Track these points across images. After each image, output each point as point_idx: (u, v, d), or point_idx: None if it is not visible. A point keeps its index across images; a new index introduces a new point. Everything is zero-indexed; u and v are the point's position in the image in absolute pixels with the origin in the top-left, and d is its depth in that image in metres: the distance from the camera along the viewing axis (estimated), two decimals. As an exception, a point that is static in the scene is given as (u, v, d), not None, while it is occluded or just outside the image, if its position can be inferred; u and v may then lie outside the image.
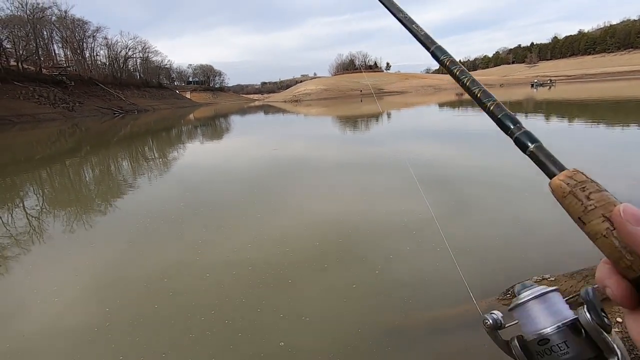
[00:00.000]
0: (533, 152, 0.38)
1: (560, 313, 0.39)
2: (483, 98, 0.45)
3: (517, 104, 23.91)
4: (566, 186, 0.33)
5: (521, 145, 0.40)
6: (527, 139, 0.39)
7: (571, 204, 0.32)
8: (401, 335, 2.21)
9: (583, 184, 0.32)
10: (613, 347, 0.35)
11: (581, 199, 0.31)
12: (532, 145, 0.39)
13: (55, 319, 2.57)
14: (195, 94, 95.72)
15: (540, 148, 0.38)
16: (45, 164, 10.55)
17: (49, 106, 37.77)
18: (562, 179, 0.34)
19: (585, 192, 0.32)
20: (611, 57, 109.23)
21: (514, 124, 0.41)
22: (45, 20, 50.01)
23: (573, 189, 0.32)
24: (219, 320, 2.40)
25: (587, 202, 0.31)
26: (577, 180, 0.33)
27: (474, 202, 4.52)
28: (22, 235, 4.35)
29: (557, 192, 0.34)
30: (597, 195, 0.31)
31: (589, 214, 0.30)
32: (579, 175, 0.33)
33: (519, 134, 0.40)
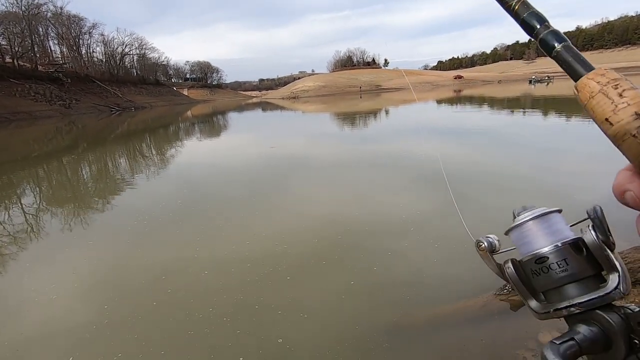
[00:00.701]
0: (559, 52, 0.34)
1: (561, 232, 0.37)
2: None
3: (515, 100, 23.95)
4: (596, 84, 0.30)
5: (546, 47, 0.35)
6: (554, 38, 0.35)
7: (599, 104, 0.29)
8: (399, 332, 2.23)
9: (616, 82, 0.29)
10: (615, 264, 0.34)
11: (612, 97, 0.28)
12: (559, 45, 0.34)
13: (53, 317, 2.57)
14: (193, 91, 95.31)
15: (568, 48, 0.34)
16: (42, 161, 10.49)
17: (45, 103, 37.54)
18: (592, 77, 0.30)
19: (618, 89, 0.29)
20: (609, 53, 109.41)
21: (540, 23, 0.36)
22: (41, 17, 49.61)
23: (604, 87, 0.29)
24: (218, 318, 2.40)
25: (618, 99, 0.28)
26: (610, 78, 0.30)
27: (471, 201, 4.53)
28: (19, 233, 4.33)
29: (584, 92, 0.30)
30: (631, 92, 0.28)
31: (620, 112, 0.28)
32: (611, 72, 0.30)
33: (545, 34, 0.35)
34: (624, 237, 3.11)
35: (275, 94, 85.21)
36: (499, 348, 2.01)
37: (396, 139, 10.32)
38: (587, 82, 0.30)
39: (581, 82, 0.31)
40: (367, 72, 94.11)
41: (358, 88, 66.86)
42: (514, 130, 10.59)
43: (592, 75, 0.31)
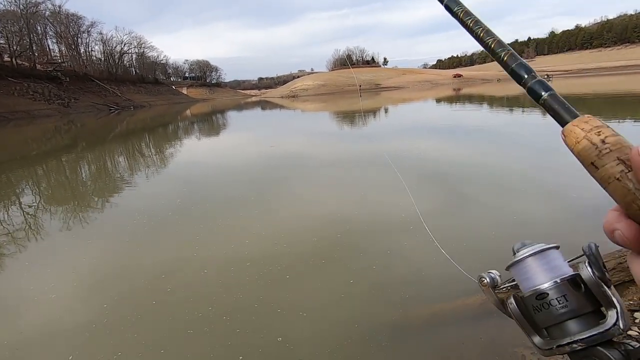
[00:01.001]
0: (546, 100, 0.37)
1: (559, 269, 0.38)
2: (497, 48, 0.43)
3: (514, 98, 23.95)
4: (580, 131, 0.32)
5: (534, 95, 0.38)
6: (541, 87, 0.38)
7: (584, 149, 0.31)
8: (398, 330, 2.23)
9: (598, 129, 0.31)
10: (612, 301, 0.34)
11: (596, 143, 0.30)
12: (545, 93, 0.37)
13: (53, 316, 2.57)
14: (192, 90, 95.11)
15: (554, 96, 0.37)
16: (41, 160, 10.47)
17: (43, 102, 37.44)
18: (576, 124, 0.33)
19: (600, 136, 0.31)
20: (608, 51, 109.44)
21: (528, 73, 0.40)
22: (39, 15, 49.43)
23: (588, 133, 0.31)
24: (217, 316, 2.41)
25: (602, 145, 0.30)
26: (592, 125, 0.32)
27: (470, 198, 4.54)
28: (18, 232, 4.33)
29: (570, 138, 0.32)
30: (612, 139, 0.30)
31: (603, 157, 0.30)
32: (593, 120, 0.32)
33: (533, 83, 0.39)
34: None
35: (274, 92, 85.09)
36: (497, 346, 2.02)
37: (395, 138, 10.32)
38: (573, 129, 0.33)
39: (567, 129, 0.33)
40: (367, 70, 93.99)
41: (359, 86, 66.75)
42: (514, 129, 10.59)
43: (577, 122, 0.33)
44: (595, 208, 3.86)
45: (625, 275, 2.46)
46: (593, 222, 3.50)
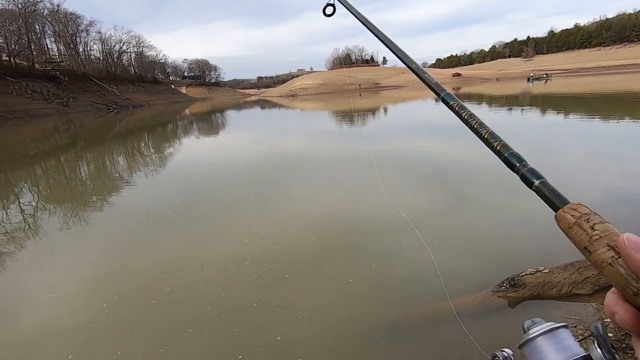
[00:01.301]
0: (538, 188, 0.41)
1: (570, 349, 0.39)
2: (490, 139, 0.48)
3: (513, 97, 23.96)
4: (571, 218, 0.35)
5: (527, 182, 0.42)
6: (532, 175, 0.42)
7: (577, 235, 0.33)
8: (398, 329, 2.24)
9: (587, 216, 0.34)
10: None
11: (586, 229, 0.33)
12: (537, 181, 0.41)
13: (52, 316, 2.57)
14: (191, 89, 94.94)
15: (545, 184, 0.41)
16: (39, 160, 10.45)
17: (42, 102, 37.34)
18: (567, 211, 0.36)
19: (589, 223, 0.33)
20: (607, 50, 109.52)
21: (519, 162, 0.44)
22: (37, 14, 49.23)
23: (578, 220, 0.34)
24: (217, 316, 2.41)
25: (592, 232, 0.32)
26: (581, 213, 0.34)
27: (468, 197, 4.54)
28: (17, 232, 4.32)
29: (563, 223, 0.35)
30: (601, 226, 0.32)
31: (595, 243, 0.32)
32: (582, 207, 0.35)
33: (525, 171, 0.43)
34: (620, 234, 3.13)
35: (273, 92, 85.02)
36: (497, 344, 2.02)
37: (393, 137, 10.32)
38: (564, 215, 0.36)
39: (559, 215, 0.36)
40: (366, 70, 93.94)
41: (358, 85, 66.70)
42: (515, 127, 10.61)
43: (567, 209, 0.36)
44: (594, 206, 3.88)
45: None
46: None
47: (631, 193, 4.24)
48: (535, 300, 2.37)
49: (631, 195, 4.17)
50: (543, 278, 2.43)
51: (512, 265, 2.67)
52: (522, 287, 2.40)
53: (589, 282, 2.40)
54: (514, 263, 2.74)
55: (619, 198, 4.11)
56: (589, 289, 2.38)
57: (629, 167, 5.40)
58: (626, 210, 3.74)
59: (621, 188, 4.45)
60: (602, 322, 0.34)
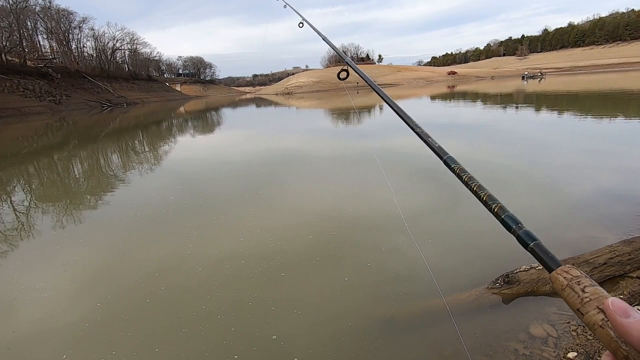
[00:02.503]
0: (533, 249, 0.45)
1: None
2: (488, 201, 0.52)
3: (507, 96, 24.10)
4: (563, 280, 0.37)
5: (522, 243, 0.46)
6: (527, 237, 0.46)
7: (569, 297, 0.36)
8: (393, 326, 2.24)
9: (578, 279, 0.36)
10: None
11: (577, 292, 0.35)
12: (531, 243, 0.45)
13: (46, 315, 2.54)
14: (186, 87, 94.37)
15: (539, 245, 0.44)
16: (32, 158, 10.33)
17: (34, 99, 36.88)
18: (560, 274, 0.38)
19: (580, 285, 0.35)
20: (600, 49, 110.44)
21: (515, 224, 0.48)
22: (29, 10, 48.56)
23: (569, 282, 0.36)
24: (212, 315, 2.40)
25: (582, 294, 0.34)
26: (573, 275, 0.37)
27: (464, 195, 4.56)
28: (9, 231, 4.27)
29: (556, 285, 0.38)
30: (590, 289, 0.35)
31: (586, 305, 0.33)
32: (573, 270, 0.38)
33: (521, 233, 0.46)
34: (613, 231, 3.17)
35: (269, 89, 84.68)
36: (491, 340, 2.04)
37: (390, 135, 10.33)
38: (557, 277, 0.38)
39: (553, 276, 0.39)
40: (362, 67, 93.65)
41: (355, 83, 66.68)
42: (508, 125, 10.67)
43: (560, 271, 0.39)
44: (587, 203, 3.91)
45: (615, 270, 2.50)
46: (585, 216, 3.55)
47: (624, 189, 4.28)
48: (530, 296, 2.39)
49: (623, 191, 4.22)
50: (537, 275, 2.45)
51: (506, 262, 2.69)
52: (517, 284, 2.42)
53: (582, 279, 2.43)
54: (508, 260, 2.75)
55: (612, 194, 4.15)
56: (582, 285, 2.41)
57: (621, 164, 5.46)
58: (619, 206, 3.78)
59: (614, 184, 4.49)
60: None
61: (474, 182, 0.55)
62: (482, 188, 0.54)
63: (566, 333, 2.06)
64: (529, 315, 2.22)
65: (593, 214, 3.64)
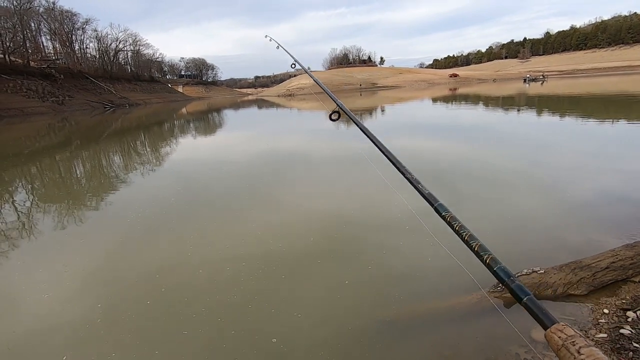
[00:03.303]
0: (527, 304, 0.44)
1: None
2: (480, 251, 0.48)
3: (509, 98, 24.07)
4: (558, 339, 0.37)
5: (516, 296, 0.45)
6: (521, 292, 0.45)
7: (565, 357, 0.35)
8: (394, 330, 2.23)
9: (572, 338, 0.36)
10: None
11: (573, 353, 0.35)
12: (525, 297, 0.45)
13: (46, 316, 2.54)
14: (188, 88, 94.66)
15: (532, 301, 0.44)
16: (34, 158, 10.37)
17: (37, 100, 37.03)
18: (554, 332, 0.39)
19: (575, 346, 0.35)
20: (602, 52, 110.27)
21: (507, 277, 0.46)
22: (33, 12, 48.84)
23: (565, 342, 0.37)
24: (212, 317, 2.39)
25: (578, 356, 0.34)
26: (567, 334, 0.37)
27: (463, 196, 4.55)
28: (10, 231, 4.28)
29: (552, 344, 0.38)
30: (586, 350, 0.34)
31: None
32: (567, 329, 0.38)
33: (514, 286, 0.46)
34: (616, 234, 3.15)
35: (270, 91, 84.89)
36: (492, 344, 2.02)
37: (390, 136, 10.33)
38: (552, 336, 0.39)
39: (548, 335, 0.39)
40: (363, 70, 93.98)
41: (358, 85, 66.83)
42: (510, 127, 10.66)
43: (554, 330, 0.39)
44: (589, 205, 3.90)
45: (617, 274, 2.48)
46: (587, 219, 3.53)
47: (627, 192, 4.26)
48: (531, 300, 2.37)
49: (626, 194, 4.20)
50: (538, 279, 2.44)
51: (508, 266, 2.67)
52: (518, 288, 2.40)
53: (584, 283, 2.41)
54: (509, 263, 2.73)
55: (615, 197, 4.13)
56: (584, 289, 2.39)
57: (624, 166, 5.44)
58: (622, 209, 3.76)
59: (616, 187, 4.47)
60: None
61: (465, 231, 0.48)
62: (473, 238, 0.47)
63: (568, 337, 2.04)
64: (531, 320, 2.20)
65: (595, 217, 3.62)
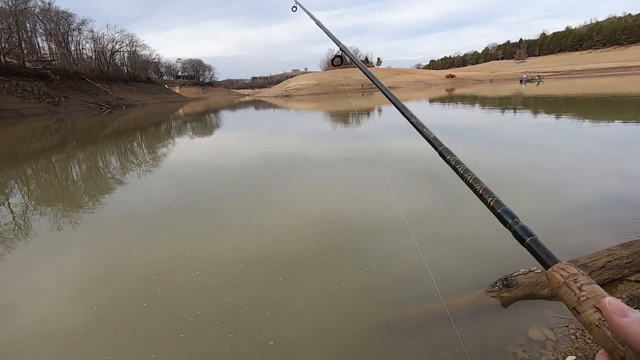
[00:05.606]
0: (529, 245, 0.43)
1: None
2: (484, 194, 0.50)
3: (506, 99, 24.18)
4: (560, 277, 0.36)
5: (519, 238, 0.44)
6: (524, 232, 0.43)
7: (565, 294, 0.34)
8: (390, 332, 2.23)
9: (575, 276, 0.35)
10: None
11: (574, 290, 0.34)
12: (528, 238, 0.43)
13: (42, 319, 2.52)
14: (185, 89, 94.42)
15: (535, 241, 0.42)
16: (30, 160, 10.30)
17: (33, 101, 36.81)
18: (556, 271, 0.37)
19: (577, 283, 0.34)
20: (597, 53, 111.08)
21: (511, 219, 0.45)
22: (28, 12, 48.54)
23: (566, 280, 0.35)
24: (209, 320, 2.38)
25: (579, 293, 0.33)
26: (569, 273, 0.36)
27: (461, 197, 4.56)
28: (5, 233, 4.24)
29: (553, 282, 0.37)
30: (588, 287, 0.33)
31: (582, 304, 0.32)
32: (570, 267, 0.36)
33: (517, 228, 0.44)
34: (611, 234, 3.16)
35: (268, 92, 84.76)
36: (490, 344, 2.03)
37: (390, 137, 10.34)
38: (554, 274, 0.37)
39: (549, 274, 0.38)
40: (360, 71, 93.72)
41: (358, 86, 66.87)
42: (507, 128, 10.70)
43: (557, 268, 0.37)
44: (585, 206, 3.92)
45: (613, 273, 2.50)
46: (583, 220, 3.55)
47: (622, 193, 4.29)
48: (528, 300, 2.38)
49: (622, 194, 4.22)
50: (536, 278, 2.45)
51: (505, 265, 2.68)
52: (515, 287, 2.41)
53: (581, 282, 2.43)
54: (506, 263, 2.75)
55: (610, 198, 4.15)
56: (581, 289, 2.40)
57: (619, 167, 5.47)
58: (617, 209, 3.78)
59: (612, 187, 4.50)
60: None
61: (469, 174, 0.53)
62: (478, 181, 0.51)
63: (565, 336, 2.06)
64: (528, 319, 2.21)
65: (591, 217, 3.64)
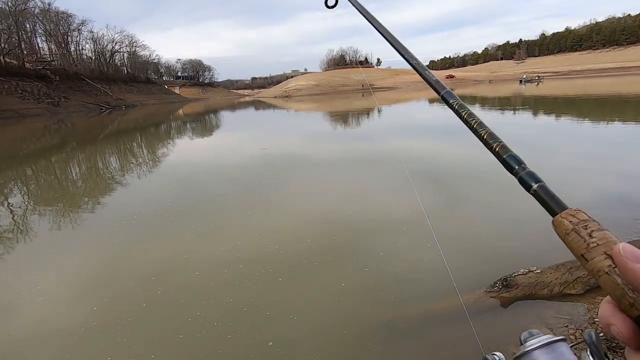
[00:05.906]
0: (536, 191, 0.40)
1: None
2: (489, 139, 0.47)
3: (505, 99, 24.20)
4: (569, 224, 0.34)
5: (525, 185, 0.41)
6: (531, 179, 0.40)
7: (574, 241, 0.32)
8: (390, 333, 2.23)
9: (585, 222, 0.33)
10: None
11: (584, 236, 0.32)
12: (535, 184, 0.40)
13: (41, 319, 2.52)
14: (184, 89, 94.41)
15: (543, 187, 0.39)
16: (29, 160, 10.29)
17: (33, 101, 36.80)
18: (565, 217, 0.35)
19: (587, 229, 0.32)
20: (597, 53, 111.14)
21: (518, 165, 0.43)
22: (28, 13, 48.55)
23: (575, 226, 0.33)
24: (209, 321, 2.38)
25: (589, 239, 0.31)
26: (579, 219, 0.33)
27: (462, 198, 4.57)
28: (5, 234, 4.24)
29: (560, 229, 0.34)
30: (598, 233, 0.32)
31: (592, 251, 0.31)
32: (580, 213, 0.34)
33: (523, 174, 0.41)
34: (615, 234, 3.16)
35: (267, 92, 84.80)
36: (489, 344, 2.03)
37: (389, 138, 10.34)
38: (562, 221, 0.35)
39: (557, 220, 0.35)
40: (360, 71, 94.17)
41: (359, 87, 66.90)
42: (506, 128, 10.71)
43: (565, 214, 0.35)
44: (585, 206, 3.92)
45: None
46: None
47: (622, 193, 4.29)
48: (528, 300, 2.38)
49: (621, 195, 4.23)
50: (535, 278, 2.45)
51: (505, 266, 2.69)
52: (515, 287, 2.41)
53: (580, 282, 2.43)
54: (506, 263, 2.75)
55: (610, 198, 4.15)
56: (580, 288, 2.41)
57: (618, 168, 5.48)
58: (617, 209, 3.78)
59: (612, 188, 4.50)
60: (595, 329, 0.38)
61: (474, 119, 0.50)
62: (482, 125, 0.48)
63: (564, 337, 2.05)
64: (527, 319, 2.21)
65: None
